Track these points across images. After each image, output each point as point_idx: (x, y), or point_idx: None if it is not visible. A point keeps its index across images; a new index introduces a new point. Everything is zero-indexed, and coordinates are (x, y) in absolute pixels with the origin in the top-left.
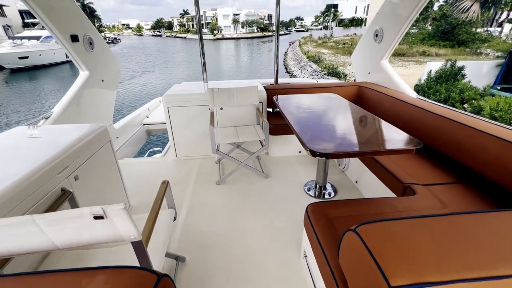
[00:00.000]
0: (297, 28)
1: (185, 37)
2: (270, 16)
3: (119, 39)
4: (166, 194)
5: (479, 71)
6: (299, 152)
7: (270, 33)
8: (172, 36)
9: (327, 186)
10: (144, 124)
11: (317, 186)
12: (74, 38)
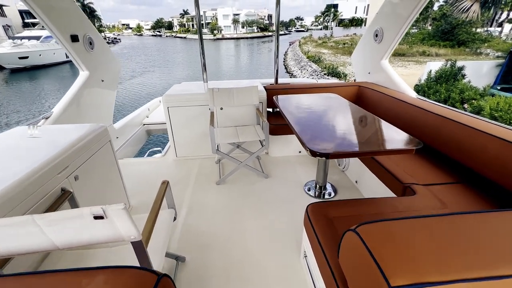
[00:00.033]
0: (297, 28)
1: (185, 37)
2: (270, 16)
3: (119, 39)
4: (166, 194)
5: (479, 71)
6: (299, 152)
7: (270, 33)
8: (172, 36)
9: (327, 186)
10: (144, 124)
11: (317, 186)
12: (74, 38)
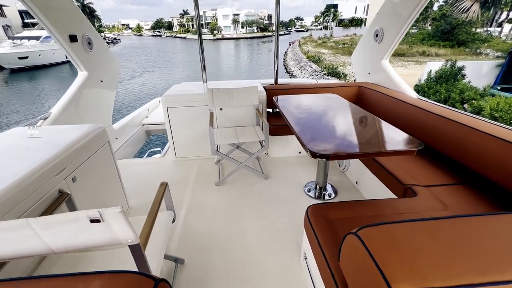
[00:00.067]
0: (297, 28)
1: (185, 37)
2: (270, 16)
3: (119, 39)
4: (165, 196)
5: (479, 71)
6: (299, 153)
7: (270, 33)
8: (172, 36)
9: (327, 187)
10: (144, 125)
11: (317, 187)
12: (73, 38)
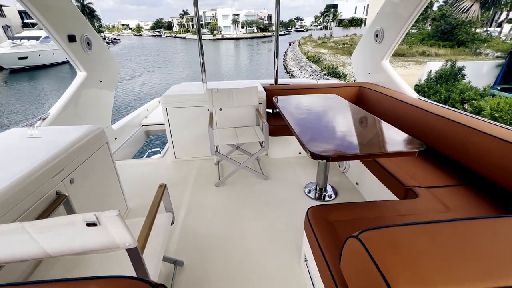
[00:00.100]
0: (297, 28)
1: (185, 37)
2: (270, 16)
3: (119, 40)
4: (164, 197)
5: (479, 71)
6: (299, 154)
7: (270, 33)
8: (172, 37)
9: (328, 188)
10: (143, 125)
11: (317, 188)
12: (71, 38)
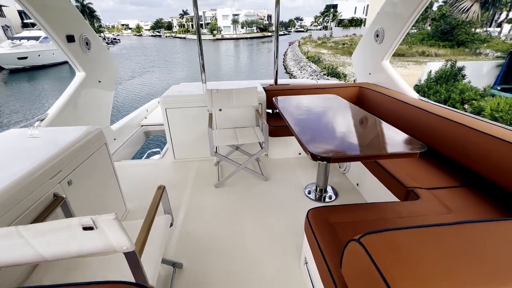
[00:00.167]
0: (297, 29)
1: (185, 38)
2: (270, 17)
3: (119, 40)
4: (163, 199)
5: (479, 72)
6: (299, 154)
7: (270, 34)
8: (172, 37)
9: (328, 189)
10: (143, 125)
11: (318, 189)
12: (70, 39)
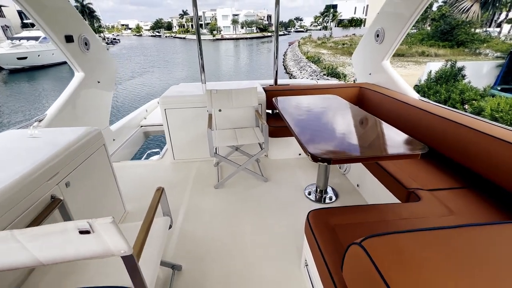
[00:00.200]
0: (296, 29)
1: (185, 38)
2: (270, 17)
3: (119, 40)
4: (161, 201)
5: (479, 72)
6: (299, 155)
7: (270, 34)
8: (172, 37)
9: (328, 190)
10: (142, 126)
11: (318, 190)
12: (69, 39)
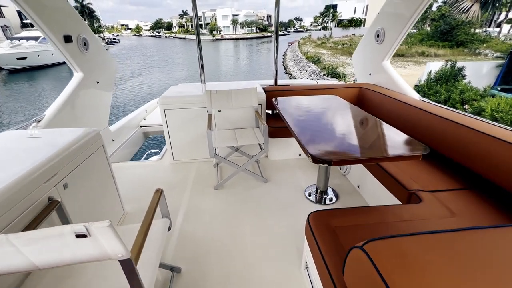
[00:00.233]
0: (296, 29)
1: (184, 38)
2: (269, 17)
3: (118, 40)
4: (160, 203)
5: (479, 72)
6: (299, 155)
7: (269, 34)
8: (171, 37)
9: (328, 191)
10: (141, 126)
11: (318, 191)
12: (67, 39)
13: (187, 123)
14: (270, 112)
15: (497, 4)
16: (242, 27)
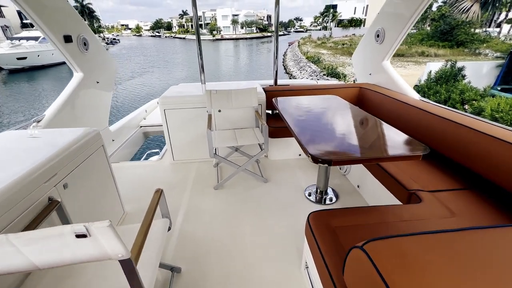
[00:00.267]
0: (296, 29)
1: (184, 38)
2: (269, 17)
3: (118, 40)
4: (160, 203)
5: (479, 72)
6: (299, 155)
7: (269, 34)
8: (171, 37)
9: (328, 191)
10: (141, 126)
11: (318, 191)
12: (67, 39)
13: (187, 123)
14: (270, 112)
15: (497, 4)
16: (242, 27)
